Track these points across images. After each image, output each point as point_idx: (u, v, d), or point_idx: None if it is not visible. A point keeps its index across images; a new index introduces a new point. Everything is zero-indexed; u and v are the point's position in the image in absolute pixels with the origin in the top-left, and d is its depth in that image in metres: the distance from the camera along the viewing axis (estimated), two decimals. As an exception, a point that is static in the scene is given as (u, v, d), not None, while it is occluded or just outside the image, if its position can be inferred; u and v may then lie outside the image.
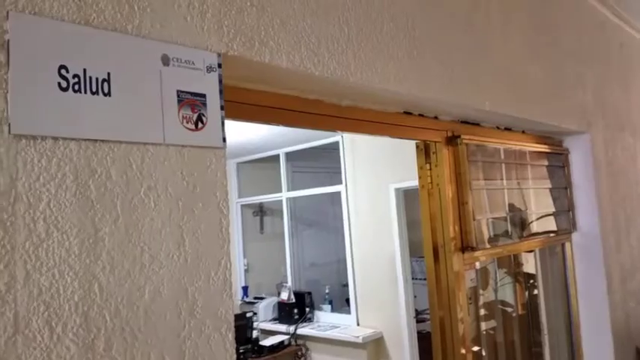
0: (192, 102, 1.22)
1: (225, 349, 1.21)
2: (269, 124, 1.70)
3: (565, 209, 3.17)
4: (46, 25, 1.01)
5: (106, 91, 1.07)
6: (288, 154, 5.93)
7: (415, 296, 4.89)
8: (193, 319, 1.16)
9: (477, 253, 2.37)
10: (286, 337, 5.21)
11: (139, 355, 1.06)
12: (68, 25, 1.04)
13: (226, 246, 1.24)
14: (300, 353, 5.23)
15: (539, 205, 3.00)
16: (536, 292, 3.32)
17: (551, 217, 3.10)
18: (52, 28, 1.01)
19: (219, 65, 1.28)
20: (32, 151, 0.97)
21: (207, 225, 1.21)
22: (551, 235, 3.07)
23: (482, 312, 2.95)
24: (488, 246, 2.48)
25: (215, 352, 1.19)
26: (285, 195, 5.96)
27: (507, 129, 2.79)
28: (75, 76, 1.03)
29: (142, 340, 1.08)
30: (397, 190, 4.76)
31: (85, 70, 1.05)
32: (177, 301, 1.14)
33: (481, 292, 2.97)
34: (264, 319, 5.67)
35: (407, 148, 2.53)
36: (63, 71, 1.02)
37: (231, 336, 1.22)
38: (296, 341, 5.25)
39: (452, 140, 2.32)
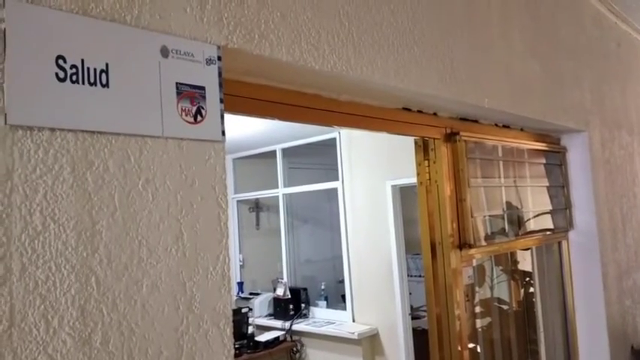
0: (191, 94, 1.20)
1: (223, 343, 1.20)
2: (267, 118, 1.69)
3: (562, 207, 3.17)
4: (44, 14, 0.99)
5: (104, 82, 1.06)
6: (284, 150, 5.91)
7: (410, 293, 4.89)
8: (191, 313, 1.15)
9: (473, 251, 2.36)
10: (282, 332, 5.20)
11: (136, 350, 1.05)
12: (66, 15, 1.02)
13: (225, 240, 1.23)
14: (295, 349, 5.23)
15: (536, 203, 3.00)
16: (532, 289, 3.33)
17: (548, 215, 3.10)
18: (50, 18, 1.00)
19: (219, 58, 1.26)
20: (29, 142, 0.95)
21: (205, 219, 1.20)
22: (548, 233, 3.07)
23: (478, 309, 2.95)
24: (485, 243, 2.48)
25: (213, 347, 1.18)
26: (281, 191, 5.94)
27: (506, 126, 2.78)
28: (73, 66, 1.02)
29: (140, 335, 1.06)
30: (394, 186, 4.76)
31: (82, 61, 1.03)
32: (175, 296, 1.13)
33: (477, 289, 2.97)
34: (259, 314, 5.67)
35: (403, 144, 2.52)
36: (60, 61, 1.00)
37: (229, 331, 1.21)
38: (291, 337, 5.24)
39: (451, 137, 2.31)
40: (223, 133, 1.26)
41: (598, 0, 3.50)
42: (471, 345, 2.48)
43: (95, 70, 1.05)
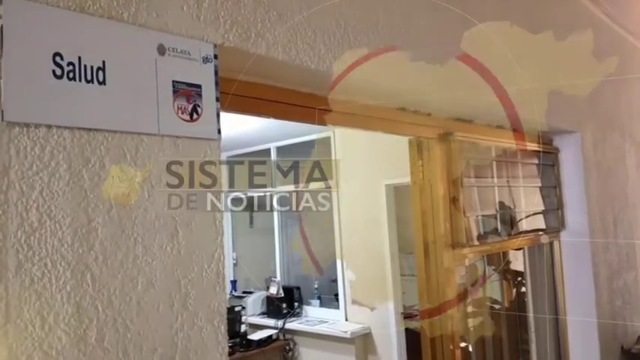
0: (187, 93, 1.21)
1: (217, 341, 1.20)
2: (263, 116, 1.69)
3: (554, 208, 3.19)
4: (41, 11, 0.99)
5: (100, 79, 1.06)
6: (279, 149, 5.91)
7: (403, 292, 4.90)
8: (186, 311, 1.16)
9: (466, 250, 2.38)
10: (275, 331, 5.20)
11: (131, 347, 1.06)
12: (63, 12, 1.02)
13: (220, 238, 1.23)
14: (288, 348, 5.23)
15: (528, 203, 3.02)
16: (524, 289, 3.35)
17: (541, 216, 3.12)
18: (47, 15, 1.00)
19: (216, 56, 1.27)
20: (25, 139, 0.96)
21: (200, 217, 1.21)
22: (540, 233, 3.09)
23: (470, 309, 2.96)
24: (477, 243, 2.50)
25: (207, 344, 1.19)
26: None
27: (499, 127, 2.79)
28: (70, 63, 1.02)
29: (135, 332, 1.07)
30: (388, 186, 4.77)
31: (80, 58, 1.03)
32: (170, 293, 1.13)
33: (470, 288, 2.98)
34: (252, 313, 5.66)
35: (398, 144, 2.53)
36: (57, 59, 1.00)
37: (223, 328, 1.22)
38: (284, 336, 5.25)
39: (445, 137, 2.32)
40: (219, 131, 1.27)
41: (592, 2, 3.52)
42: (462, 344, 2.50)
43: (92, 67, 1.05)
